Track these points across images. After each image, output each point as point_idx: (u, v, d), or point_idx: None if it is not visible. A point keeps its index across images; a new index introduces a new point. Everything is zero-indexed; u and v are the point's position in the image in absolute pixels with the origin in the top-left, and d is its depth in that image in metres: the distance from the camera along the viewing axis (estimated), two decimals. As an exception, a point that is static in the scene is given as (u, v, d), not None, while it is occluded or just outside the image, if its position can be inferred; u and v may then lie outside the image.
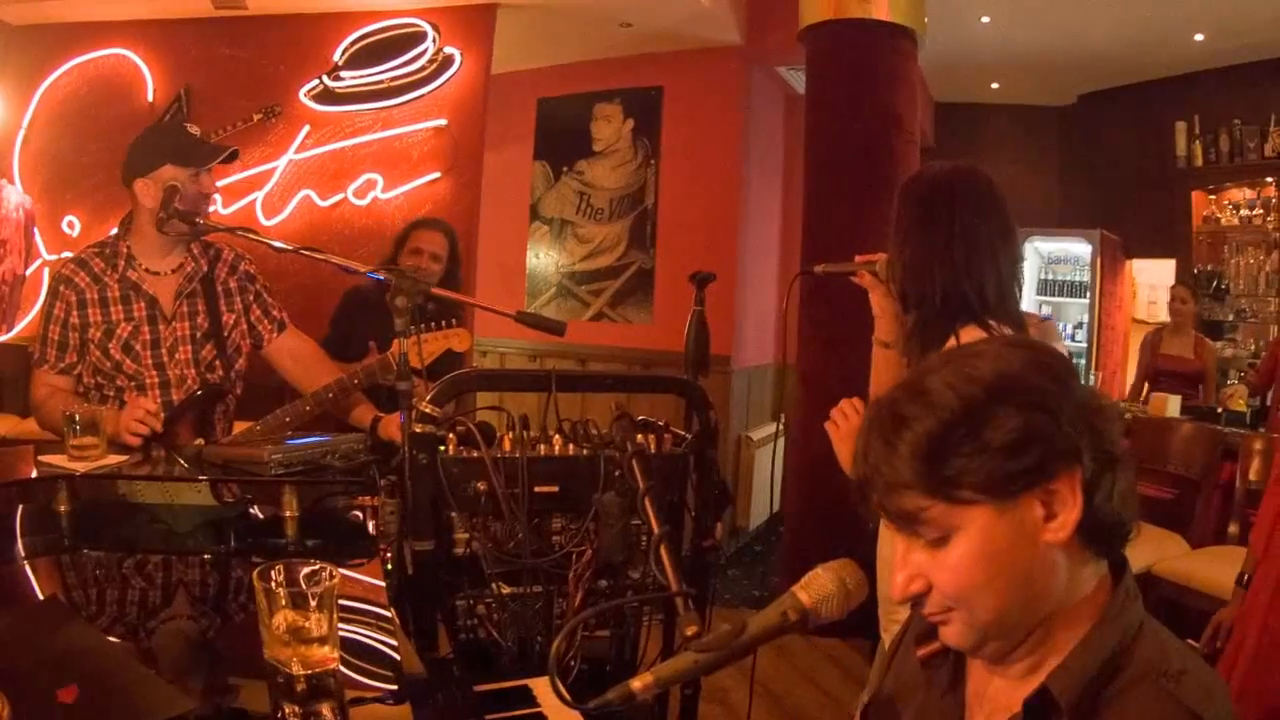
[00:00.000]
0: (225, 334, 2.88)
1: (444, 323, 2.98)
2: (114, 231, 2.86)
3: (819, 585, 1.22)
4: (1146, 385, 6.32)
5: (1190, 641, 2.56)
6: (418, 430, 1.87)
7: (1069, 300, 8.38)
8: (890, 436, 1.10)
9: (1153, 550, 4.12)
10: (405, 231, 4.08)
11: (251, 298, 2.97)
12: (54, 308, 2.76)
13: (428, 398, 1.88)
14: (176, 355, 2.79)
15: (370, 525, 2.01)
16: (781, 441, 6.72)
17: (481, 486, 1.91)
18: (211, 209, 2.82)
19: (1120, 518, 1.11)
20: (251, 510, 2.17)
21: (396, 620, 1.63)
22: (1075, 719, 1.07)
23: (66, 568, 1.93)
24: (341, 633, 1.34)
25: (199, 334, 2.83)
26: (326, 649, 1.27)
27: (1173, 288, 6.56)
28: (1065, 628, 1.13)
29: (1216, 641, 2.60)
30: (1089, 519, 1.08)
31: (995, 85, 8.61)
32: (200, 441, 2.66)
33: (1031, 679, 1.13)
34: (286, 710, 1.24)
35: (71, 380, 2.80)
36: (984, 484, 1.06)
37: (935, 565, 1.11)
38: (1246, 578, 2.62)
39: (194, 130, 2.85)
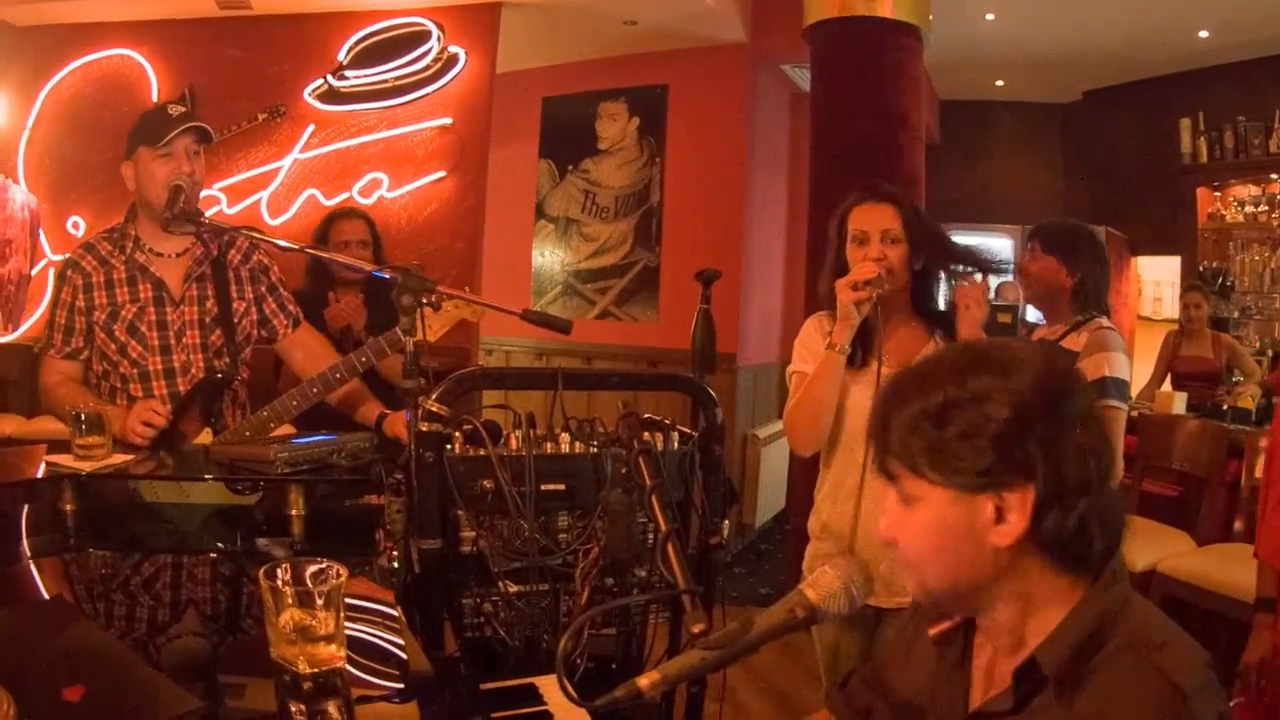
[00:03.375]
0: (235, 321, 2.85)
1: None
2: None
3: (826, 583, 1.22)
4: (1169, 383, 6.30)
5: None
6: (424, 428, 1.87)
7: (1074, 297, 8.35)
8: (890, 407, 1.23)
9: (1158, 548, 4.11)
10: (324, 226, 4.01)
11: (265, 289, 2.94)
12: (61, 292, 2.76)
13: (434, 396, 1.88)
14: (184, 339, 2.77)
15: (376, 524, 2.01)
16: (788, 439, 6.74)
17: (488, 485, 1.91)
18: (215, 209, 2.81)
19: (1080, 546, 1.16)
20: (259, 505, 2.18)
21: (403, 619, 1.63)
22: (1061, 688, 1.14)
23: (72, 567, 1.93)
24: (348, 631, 1.33)
25: (208, 319, 2.80)
26: (333, 647, 1.27)
27: (1185, 295, 6.44)
28: (1051, 606, 1.19)
29: (1250, 688, 2.40)
30: (1043, 538, 1.15)
31: (1000, 82, 8.60)
32: (207, 432, 2.66)
33: (1023, 653, 1.20)
34: (293, 709, 1.24)
35: (79, 367, 2.79)
36: (938, 469, 1.17)
37: (902, 523, 1.23)
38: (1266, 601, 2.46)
39: (174, 110, 2.79)
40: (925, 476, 1.18)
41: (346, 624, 1.32)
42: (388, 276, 2.14)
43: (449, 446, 1.91)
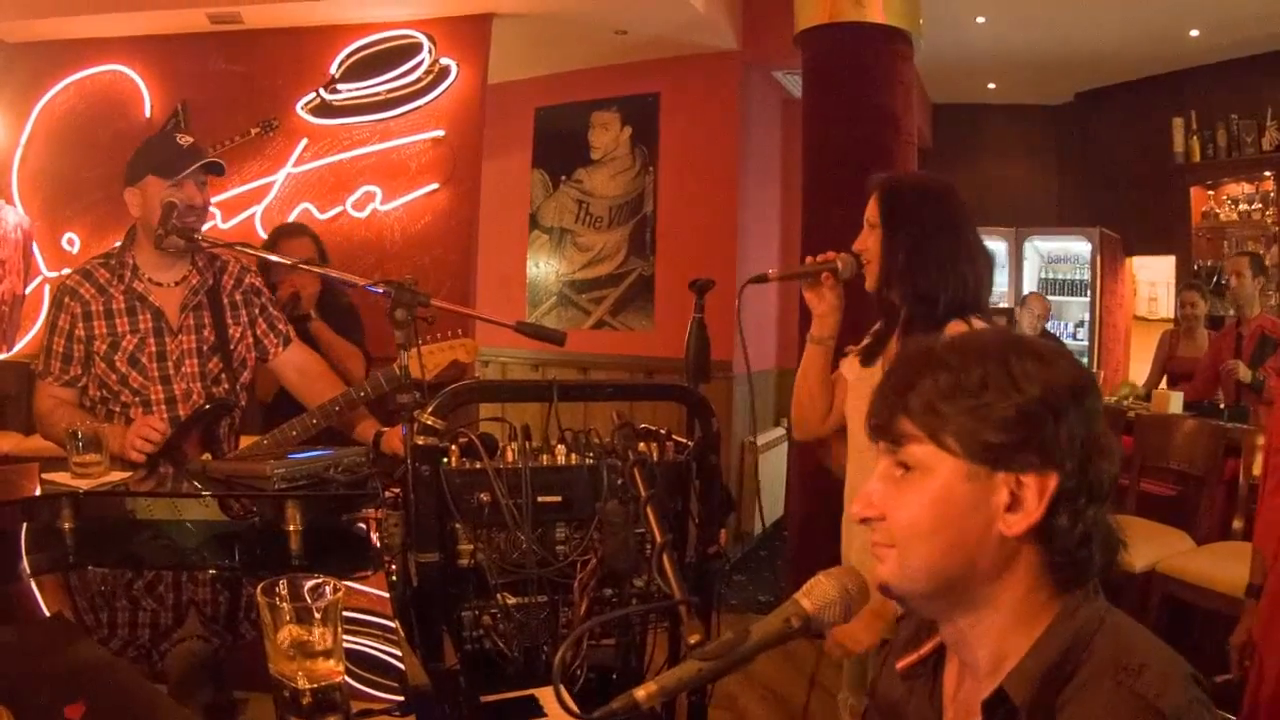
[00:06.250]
0: (231, 347, 2.87)
1: (449, 333, 2.98)
2: (119, 244, 2.85)
3: (821, 592, 1.22)
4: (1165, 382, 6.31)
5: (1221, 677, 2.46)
6: (420, 442, 1.87)
7: (1069, 299, 8.39)
8: (919, 369, 1.17)
9: (1157, 548, 4.11)
10: (270, 245, 3.97)
11: (257, 311, 2.96)
12: (59, 319, 2.74)
13: (429, 410, 1.88)
14: (183, 368, 2.78)
15: (374, 538, 2.01)
16: (785, 446, 6.74)
17: (485, 497, 1.91)
18: (210, 224, 2.80)
19: (1081, 558, 1.13)
20: (255, 524, 2.17)
21: (401, 632, 1.63)
22: (1034, 718, 1.09)
23: (71, 585, 1.93)
24: (347, 645, 1.34)
25: (205, 347, 2.82)
26: (332, 662, 1.27)
27: (1182, 293, 6.47)
28: (1025, 628, 1.14)
29: (1245, 663, 2.42)
30: (1049, 537, 1.11)
31: (992, 85, 8.62)
32: (207, 456, 2.66)
33: (994, 679, 1.15)
34: (293, 725, 1.24)
35: (75, 393, 2.78)
36: (963, 439, 1.12)
37: (895, 497, 1.16)
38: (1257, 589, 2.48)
39: (184, 141, 2.80)
40: (944, 445, 1.13)
41: (345, 638, 1.32)
42: (381, 291, 2.14)
43: (445, 460, 1.91)
